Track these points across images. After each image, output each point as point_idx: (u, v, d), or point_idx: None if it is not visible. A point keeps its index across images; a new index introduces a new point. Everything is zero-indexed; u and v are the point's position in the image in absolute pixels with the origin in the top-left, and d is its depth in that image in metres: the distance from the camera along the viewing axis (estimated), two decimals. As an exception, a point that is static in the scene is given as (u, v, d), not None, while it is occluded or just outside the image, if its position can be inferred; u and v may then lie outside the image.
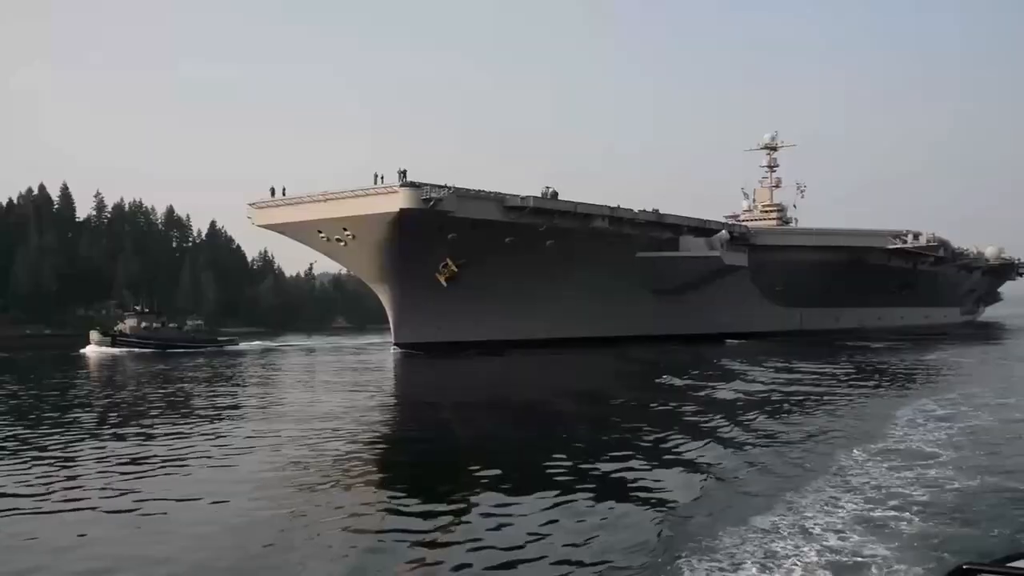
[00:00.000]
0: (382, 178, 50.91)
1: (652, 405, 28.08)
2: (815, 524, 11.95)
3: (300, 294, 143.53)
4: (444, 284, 54.27)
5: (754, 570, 10.08)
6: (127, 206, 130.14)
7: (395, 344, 56.05)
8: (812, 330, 74.95)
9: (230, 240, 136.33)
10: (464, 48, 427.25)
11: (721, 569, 10.15)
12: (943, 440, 19.01)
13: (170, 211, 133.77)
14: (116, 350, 62.46)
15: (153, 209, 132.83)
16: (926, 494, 13.74)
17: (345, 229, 52.45)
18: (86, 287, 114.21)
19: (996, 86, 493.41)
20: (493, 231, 53.66)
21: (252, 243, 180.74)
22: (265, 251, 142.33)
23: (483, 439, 22.08)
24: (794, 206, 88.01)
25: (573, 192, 60.17)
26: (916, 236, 73.93)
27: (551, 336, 58.61)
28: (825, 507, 12.95)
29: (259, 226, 56.52)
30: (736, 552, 10.73)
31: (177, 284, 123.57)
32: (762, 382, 34.47)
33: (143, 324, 65.30)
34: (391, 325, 56.35)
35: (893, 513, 12.57)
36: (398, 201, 49.43)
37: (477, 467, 17.17)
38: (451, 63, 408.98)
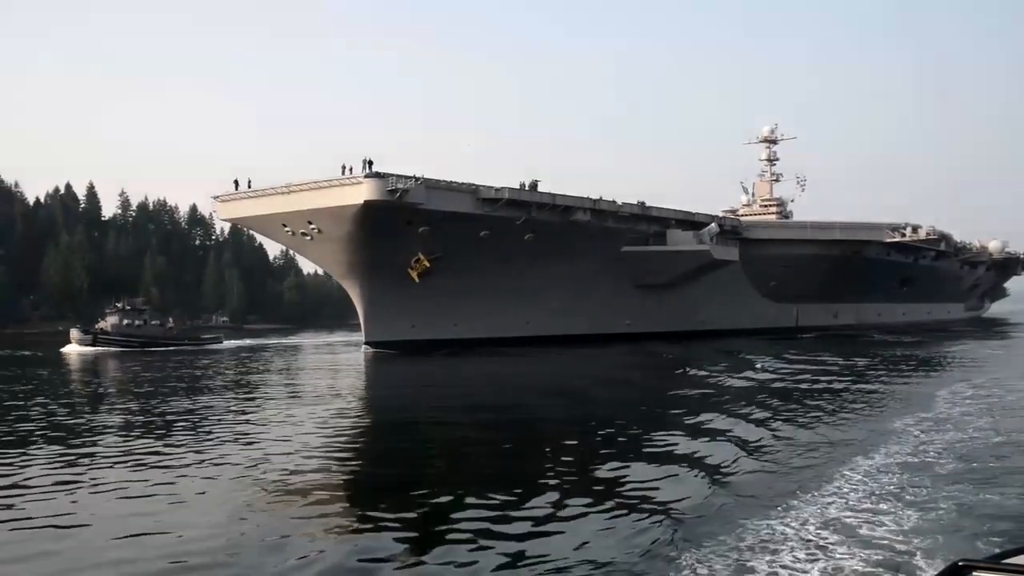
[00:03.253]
0: (350, 169, 45.41)
1: (665, 398, 27.63)
2: (885, 462, 15.43)
3: (321, 291, 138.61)
4: (416, 280, 48.50)
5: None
6: (151, 205, 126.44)
7: (366, 343, 50.40)
8: (809, 326, 68.28)
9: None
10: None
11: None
12: (977, 410, 22.17)
13: (193, 209, 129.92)
14: (97, 348, 57.45)
15: (176, 207, 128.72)
16: (965, 447, 16.88)
17: (310, 222, 46.89)
18: (115, 284, 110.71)
19: (1003, 81, 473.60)
20: (467, 224, 47.93)
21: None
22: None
23: (466, 444, 19.91)
24: (792, 200, 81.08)
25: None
26: (915, 229, 66.89)
27: (531, 334, 52.75)
28: (887, 457, 15.98)
29: (223, 220, 51.10)
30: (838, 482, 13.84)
31: (202, 281, 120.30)
32: (798, 372, 35.02)
33: (125, 321, 60.14)
34: (361, 323, 50.72)
35: (938, 458, 15.77)
36: (362, 193, 43.92)
37: (465, 474, 16.07)
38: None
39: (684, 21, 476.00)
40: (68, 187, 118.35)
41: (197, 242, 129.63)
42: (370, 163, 44.66)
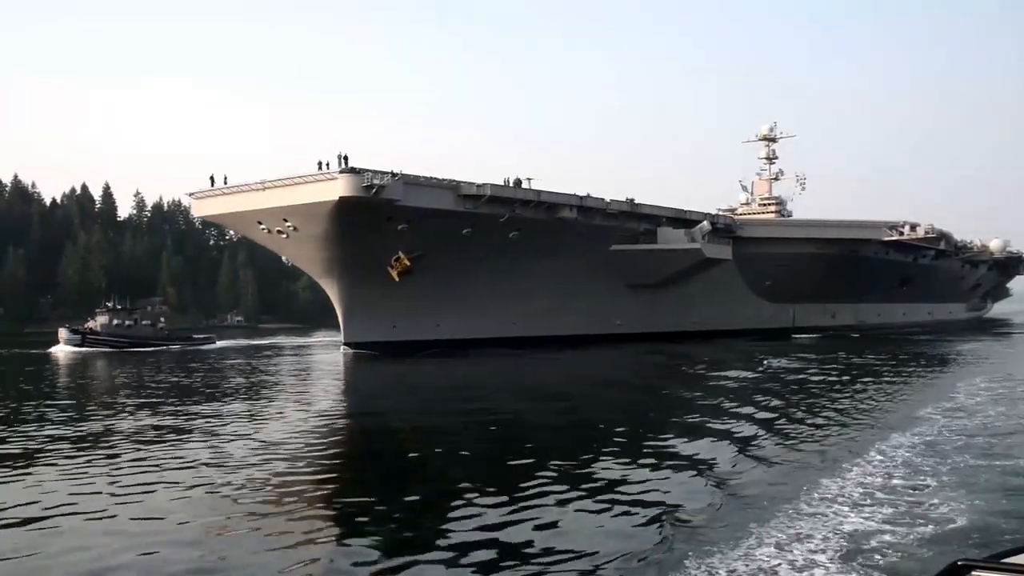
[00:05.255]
0: (327, 165, 42.20)
1: (669, 400, 26.86)
2: (914, 438, 17.24)
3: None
4: (396, 279, 45.17)
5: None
6: (166, 205, 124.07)
7: (345, 344, 47.14)
8: (805, 327, 64.46)
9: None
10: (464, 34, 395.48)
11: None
12: (989, 400, 23.40)
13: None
14: (86, 349, 54.50)
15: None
16: (979, 428, 18.60)
17: (286, 220, 43.77)
18: (132, 285, 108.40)
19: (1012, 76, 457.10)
20: (449, 222, 44.64)
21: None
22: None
23: (452, 449, 18.08)
24: (791, 199, 77.05)
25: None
26: (913, 227, 62.80)
27: (518, 335, 49.27)
28: (914, 435, 17.65)
29: (198, 218, 48.02)
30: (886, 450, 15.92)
31: (217, 282, 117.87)
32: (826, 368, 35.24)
33: (115, 322, 57.23)
34: (340, 323, 47.47)
35: (953, 437, 17.44)
36: (337, 189, 40.77)
37: (453, 479, 14.58)
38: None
39: (684, 19, 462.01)
40: (84, 188, 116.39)
41: (211, 242, 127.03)
42: (346, 158, 41.58)
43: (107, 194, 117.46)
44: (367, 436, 20.92)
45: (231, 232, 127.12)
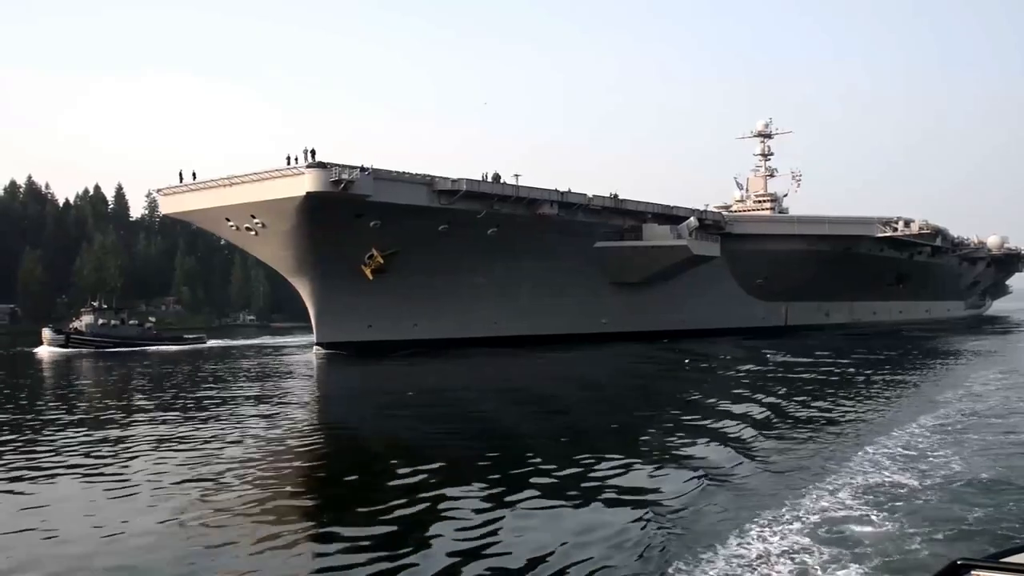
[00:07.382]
0: (295, 160, 39.04)
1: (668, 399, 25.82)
2: (934, 418, 18.91)
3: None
4: (370, 277, 41.99)
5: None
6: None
7: (317, 344, 43.94)
8: (799, 326, 60.71)
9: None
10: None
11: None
12: (999, 388, 25.16)
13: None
14: (69, 350, 51.55)
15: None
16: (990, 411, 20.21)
17: (253, 216, 40.63)
18: (146, 285, 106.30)
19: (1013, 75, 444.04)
20: (424, 218, 41.41)
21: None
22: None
23: (434, 453, 16.18)
24: (785, 195, 73.09)
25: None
26: (908, 223, 58.93)
27: (500, 335, 45.91)
28: (930, 417, 19.08)
29: (165, 215, 45.04)
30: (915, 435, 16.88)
31: (229, 281, 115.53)
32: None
33: (100, 321, 54.23)
34: (313, 323, 44.27)
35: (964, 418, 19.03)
36: (304, 184, 37.57)
37: (438, 484, 13.06)
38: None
39: (684, 18, 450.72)
40: (97, 188, 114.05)
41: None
42: (313, 153, 38.49)
43: (119, 195, 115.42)
44: (336, 441, 19.12)
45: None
